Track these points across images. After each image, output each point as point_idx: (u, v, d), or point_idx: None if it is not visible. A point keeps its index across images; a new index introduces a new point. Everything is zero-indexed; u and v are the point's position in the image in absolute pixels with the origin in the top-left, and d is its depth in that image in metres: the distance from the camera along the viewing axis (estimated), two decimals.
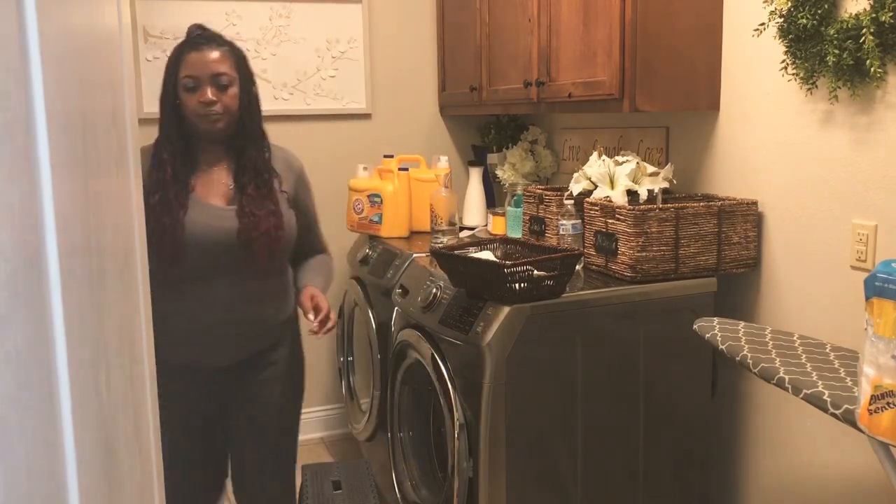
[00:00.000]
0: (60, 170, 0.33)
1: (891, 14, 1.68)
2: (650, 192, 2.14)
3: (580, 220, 2.22)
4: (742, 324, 1.83)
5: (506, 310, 1.90)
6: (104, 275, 0.48)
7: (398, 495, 2.40)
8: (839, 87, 1.84)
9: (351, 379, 3.13)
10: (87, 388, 0.38)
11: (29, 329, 0.26)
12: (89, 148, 0.44)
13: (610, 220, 2.11)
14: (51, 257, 0.31)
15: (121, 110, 0.69)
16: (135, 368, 0.65)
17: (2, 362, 0.23)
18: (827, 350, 1.68)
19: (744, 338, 1.72)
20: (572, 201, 2.23)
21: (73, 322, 0.34)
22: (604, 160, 2.25)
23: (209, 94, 1.75)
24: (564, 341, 1.98)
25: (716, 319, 1.85)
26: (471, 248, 2.15)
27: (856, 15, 1.77)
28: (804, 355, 1.63)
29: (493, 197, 3.32)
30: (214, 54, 1.77)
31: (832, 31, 1.80)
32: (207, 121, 1.78)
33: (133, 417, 0.61)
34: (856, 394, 1.33)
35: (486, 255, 2.11)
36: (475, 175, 3.15)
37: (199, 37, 1.80)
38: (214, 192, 1.83)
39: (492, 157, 3.29)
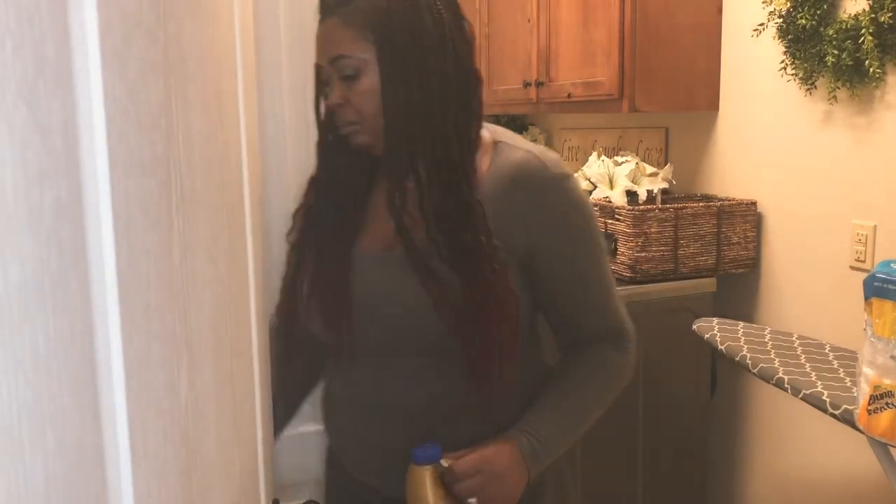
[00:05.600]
0: (121, 168, 0.30)
1: (889, 14, 1.68)
2: (649, 192, 2.14)
3: None
4: (741, 324, 1.83)
5: None
6: (195, 276, 0.45)
7: None
8: (838, 88, 1.84)
9: None
10: (151, 391, 0.35)
11: (55, 335, 0.25)
12: (172, 141, 0.40)
13: (609, 221, 2.11)
14: (106, 259, 0.29)
15: (229, 82, 0.61)
16: (237, 362, 0.61)
17: (12, 368, 0.23)
18: (826, 350, 1.68)
19: (743, 338, 1.72)
20: None
21: (132, 324, 0.32)
22: (603, 160, 2.25)
23: (335, 91, 1.02)
24: None
25: (715, 320, 1.85)
26: None
27: (855, 15, 1.77)
28: (803, 355, 1.63)
29: None
30: (329, 25, 1.01)
31: (831, 32, 1.80)
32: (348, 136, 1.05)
33: (232, 419, 0.58)
34: (855, 394, 1.33)
35: None
36: None
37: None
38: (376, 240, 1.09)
39: None
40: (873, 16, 1.71)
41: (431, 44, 0.97)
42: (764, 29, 2.00)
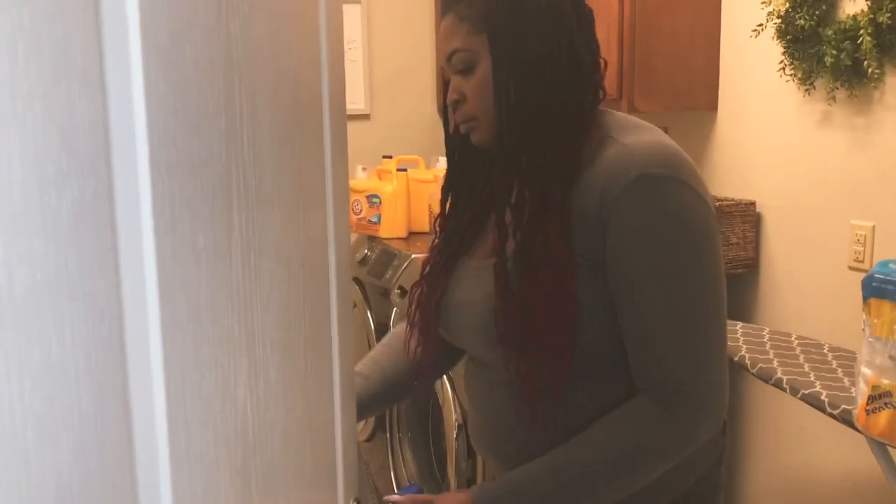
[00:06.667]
0: (164, 168, 0.29)
1: (888, 15, 1.68)
2: None
3: None
4: (740, 324, 1.83)
5: None
6: (259, 276, 0.43)
7: None
8: (837, 88, 1.84)
9: None
10: (199, 393, 0.34)
11: (72, 339, 0.25)
12: (234, 140, 0.38)
13: None
14: (146, 260, 0.28)
15: (314, 84, 0.59)
16: (312, 362, 0.59)
17: (16, 373, 0.23)
18: (825, 350, 1.68)
19: (742, 338, 1.72)
20: None
21: (176, 325, 0.31)
22: None
23: (452, 88, 0.99)
24: None
25: None
26: None
27: (853, 16, 1.77)
28: (802, 356, 1.64)
29: None
30: (446, 22, 0.99)
31: (830, 32, 1.80)
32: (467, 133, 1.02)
33: (306, 419, 0.56)
34: (853, 394, 1.34)
35: None
36: None
37: None
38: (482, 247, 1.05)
39: None
40: (872, 16, 1.71)
41: (545, 30, 0.92)
42: (763, 29, 2.00)
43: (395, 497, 1.00)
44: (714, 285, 0.90)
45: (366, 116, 3.37)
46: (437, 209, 1.12)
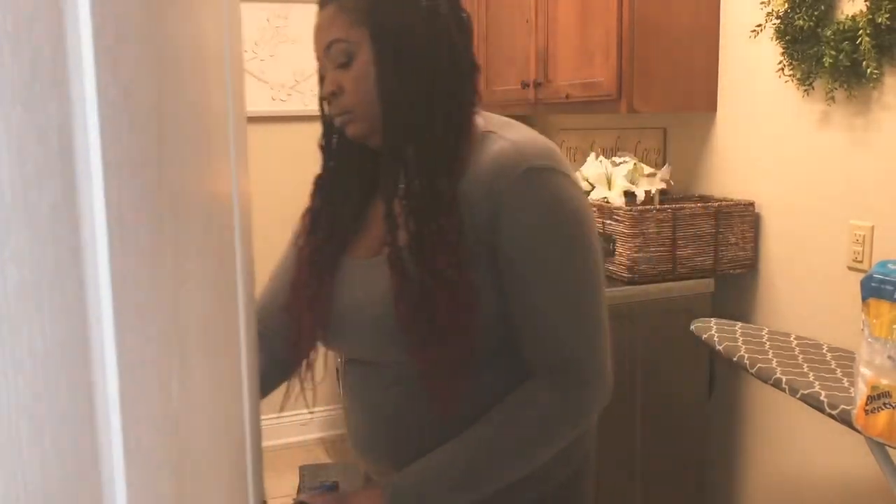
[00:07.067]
0: (114, 169, 0.31)
1: (887, 16, 1.68)
2: (647, 192, 2.14)
3: None
4: (739, 324, 1.83)
5: None
6: (186, 277, 0.44)
7: None
8: (836, 89, 1.84)
9: None
10: (145, 389, 0.35)
11: (52, 336, 0.26)
12: (163, 142, 0.40)
13: (607, 221, 2.11)
14: (99, 259, 0.29)
15: (218, 85, 0.60)
16: (226, 363, 0.60)
17: (11, 369, 0.23)
18: (824, 351, 1.68)
19: (741, 338, 1.72)
20: None
21: (126, 323, 0.32)
22: (601, 161, 2.26)
23: (328, 80, 1.00)
24: None
25: (713, 320, 1.86)
26: None
27: (852, 16, 1.77)
28: (801, 356, 1.64)
29: None
30: (327, 12, 0.99)
31: (829, 33, 1.80)
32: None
33: (223, 419, 0.57)
34: (852, 394, 1.34)
35: None
36: None
37: None
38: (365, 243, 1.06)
39: None
40: (870, 17, 1.71)
41: (426, 28, 0.95)
42: (762, 30, 2.00)
43: (305, 497, 1.00)
44: (595, 266, 0.99)
45: None
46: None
